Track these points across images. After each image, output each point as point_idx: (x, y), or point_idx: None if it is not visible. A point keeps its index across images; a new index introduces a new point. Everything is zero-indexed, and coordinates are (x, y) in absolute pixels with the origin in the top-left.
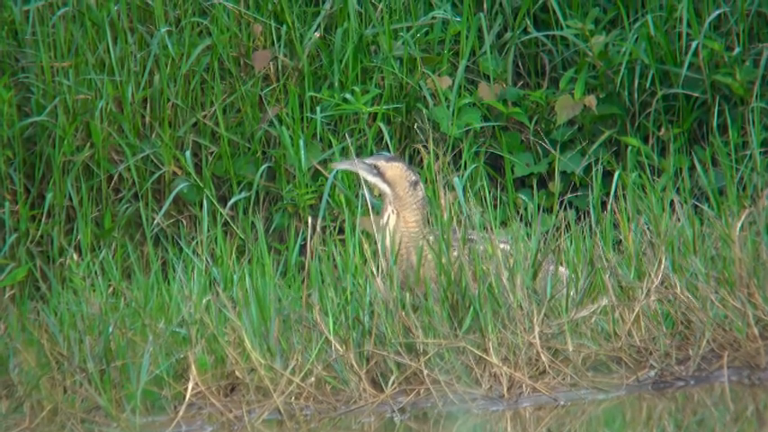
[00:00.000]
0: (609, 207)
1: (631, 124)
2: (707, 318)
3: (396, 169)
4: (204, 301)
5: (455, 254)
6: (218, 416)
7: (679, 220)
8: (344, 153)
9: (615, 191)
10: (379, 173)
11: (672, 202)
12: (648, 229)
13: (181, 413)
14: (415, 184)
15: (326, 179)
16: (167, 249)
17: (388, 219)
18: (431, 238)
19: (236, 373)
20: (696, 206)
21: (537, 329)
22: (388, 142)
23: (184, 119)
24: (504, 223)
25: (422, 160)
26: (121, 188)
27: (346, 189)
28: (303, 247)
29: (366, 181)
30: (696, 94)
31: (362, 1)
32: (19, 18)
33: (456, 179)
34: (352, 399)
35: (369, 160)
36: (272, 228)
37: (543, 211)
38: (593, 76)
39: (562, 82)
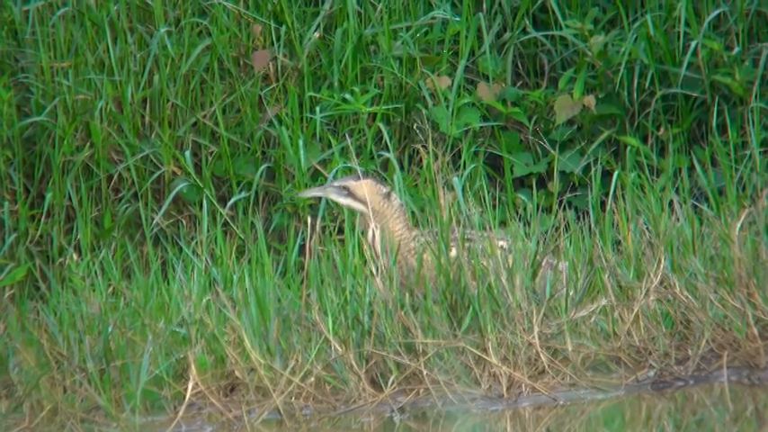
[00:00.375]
0: (608, 207)
1: (630, 124)
2: (706, 318)
3: (366, 186)
4: (204, 300)
5: (453, 253)
6: (218, 416)
7: (678, 220)
8: (344, 153)
9: (614, 191)
10: (350, 193)
11: (671, 202)
12: (648, 229)
13: (181, 413)
14: (387, 195)
15: (326, 179)
16: (167, 249)
17: (374, 234)
18: (428, 239)
19: (236, 372)
20: (695, 206)
21: (536, 329)
22: (388, 142)
23: (184, 119)
24: (503, 223)
25: (421, 160)
26: (121, 188)
27: None
28: (303, 247)
29: (338, 204)
30: (695, 94)
31: (362, 1)
32: (19, 18)
33: (455, 179)
34: (351, 398)
35: (337, 183)
36: (272, 228)
37: (542, 210)
38: (592, 75)
39: (561, 82)
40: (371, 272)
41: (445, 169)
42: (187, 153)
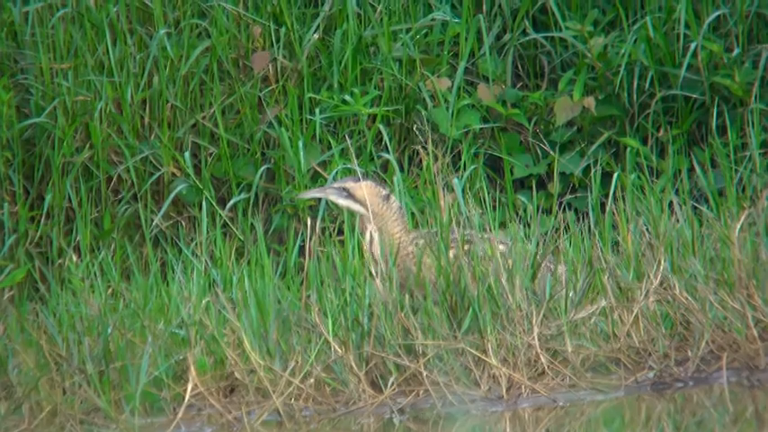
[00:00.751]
0: (608, 208)
1: (630, 125)
2: (706, 319)
3: (366, 188)
4: (203, 302)
5: (452, 254)
6: (218, 417)
7: (678, 221)
8: (344, 154)
9: (614, 192)
10: (350, 195)
11: (671, 204)
12: (647, 230)
13: (180, 414)
14: (387, 197)
15: (326, 180)
16: (166, 250)
17: (372, 236)
18: (427, 240)
19: (236, 374)
20: (695, 207)
21: (536, 330)
22: (388, 144)
23: (183, 120)
24: (503, 224)
25: (421, 161)
26: (121, 189)
27: None
28: (302, 248)
29: (338, 205)
30: (695, 96)
31: (362, 2)
32: (18, 19)
33: (455, 180)
34: (351, 400)
35: (337, 184)
36: (272, 229)
37: (542, 212)
38: (592, 77)
39: (561, 83)
40: (371, 273)
41: (445, 170)
42: (186, 154)
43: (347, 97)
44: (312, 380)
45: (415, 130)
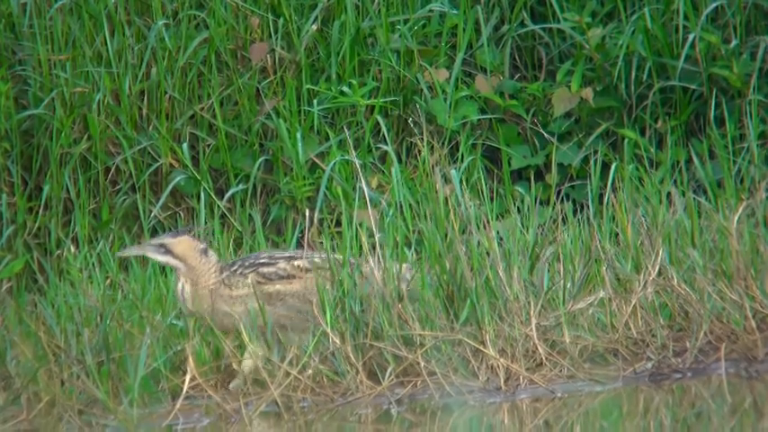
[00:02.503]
0: (606, 199)
1: (628, 117)
2: (704, 310)
3: (183, 243)
4: None
5: (297, 286)
6: (216, 408)
7: (676, 212)
8: (342, 146)
9: (612, 183)
10: (168, 251)
11: (669, 195)
12: (646, 221)
13: (178, 405)
14: (204, 251)
15: (323, 171)
16: None
17: (183, 287)
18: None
19: (234, 365)
20: (693, 199)
21: (534, 321)
22: (386, 135)
23: (181, 111)
24: (500, 215)
25: (419, 152)
26: (119, 180)
27: (343, 181)
28: (300, 239)
29: (158, 261)
30: (693, 87)
31: None
32: (16, 11)
33: (453, 171)
34: (349, 391)
35: (155, 241)
36: (270, 220)
37: (540, 203)
38: (590, 68)
39: (559, 74)
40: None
41: (443, 162)
42: (185, 145)
43: (345, 88)
44: (310, 371)
45: (410, 123)
